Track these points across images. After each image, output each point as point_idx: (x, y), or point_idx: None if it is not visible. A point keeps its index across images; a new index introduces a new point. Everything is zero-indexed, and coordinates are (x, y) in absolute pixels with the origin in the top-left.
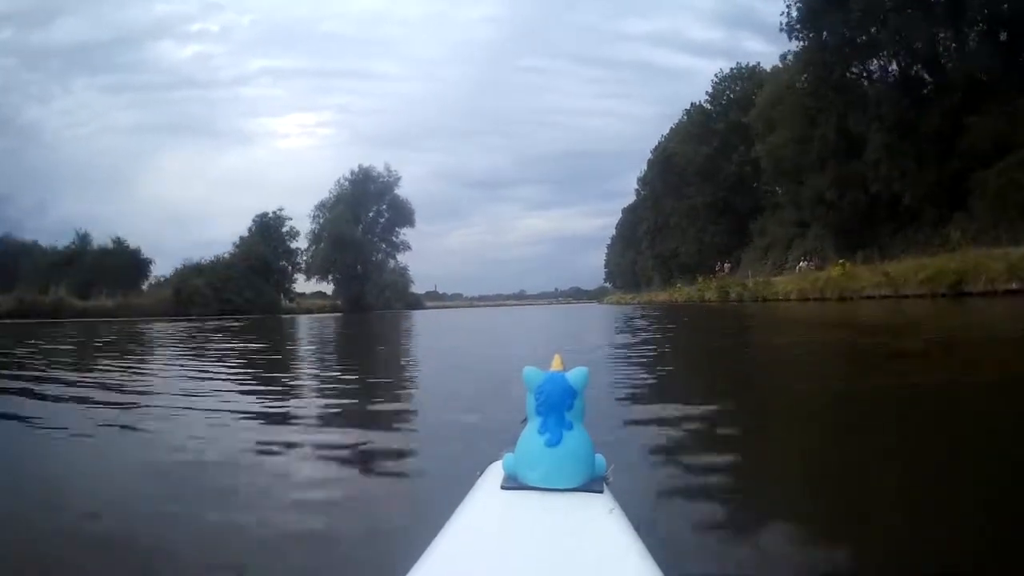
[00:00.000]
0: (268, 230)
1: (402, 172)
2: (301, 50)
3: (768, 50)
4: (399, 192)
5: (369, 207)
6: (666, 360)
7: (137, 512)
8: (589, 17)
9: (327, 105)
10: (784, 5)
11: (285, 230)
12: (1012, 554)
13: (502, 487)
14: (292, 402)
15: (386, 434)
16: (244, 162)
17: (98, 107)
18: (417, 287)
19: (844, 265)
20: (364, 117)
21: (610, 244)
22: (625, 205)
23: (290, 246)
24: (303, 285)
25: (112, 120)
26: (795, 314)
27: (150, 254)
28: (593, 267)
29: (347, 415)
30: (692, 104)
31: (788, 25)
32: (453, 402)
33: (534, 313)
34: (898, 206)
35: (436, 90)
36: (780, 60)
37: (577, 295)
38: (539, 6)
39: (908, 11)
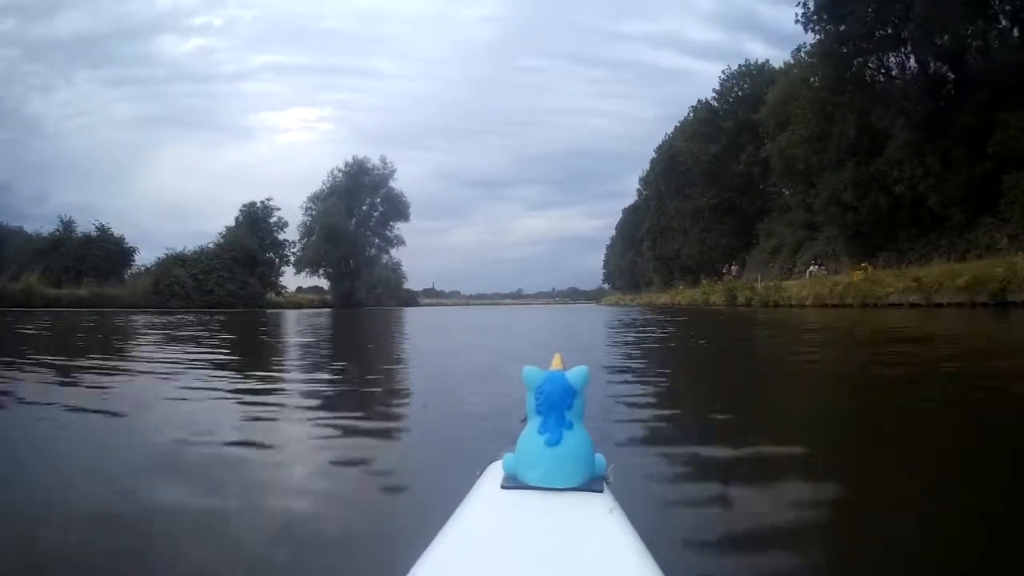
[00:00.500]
0: (255, 221)
1: (402, 170)
2: (303, 46)
3: (769, 53)
4: (394, 185)
5: (363, 200)
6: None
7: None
8: (589, 17)
9: (328, 101)
10: (786, 8)
11: (273, 220)
12: None
13: (502, 487)
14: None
15: None
16: (245, 156)
17: (100, 99)
18: (415, 284)
19: (867, 269)
20: (365, 114)
21: (609, 245)
22: (625, 206)
23: (278, 237)
24: (294, 279)
25: (114, 112)
26: (826, 322)
27: (140, 243)
28: (591, 268)
29: None
30: (699, 101)
31: (805, 16)
32: None
33: (528, 314)
34: (921, 208)
35: (437, 89)
36: (792, 56)
37: (574, 295)
38: (540, 6)
39: (934, 1)
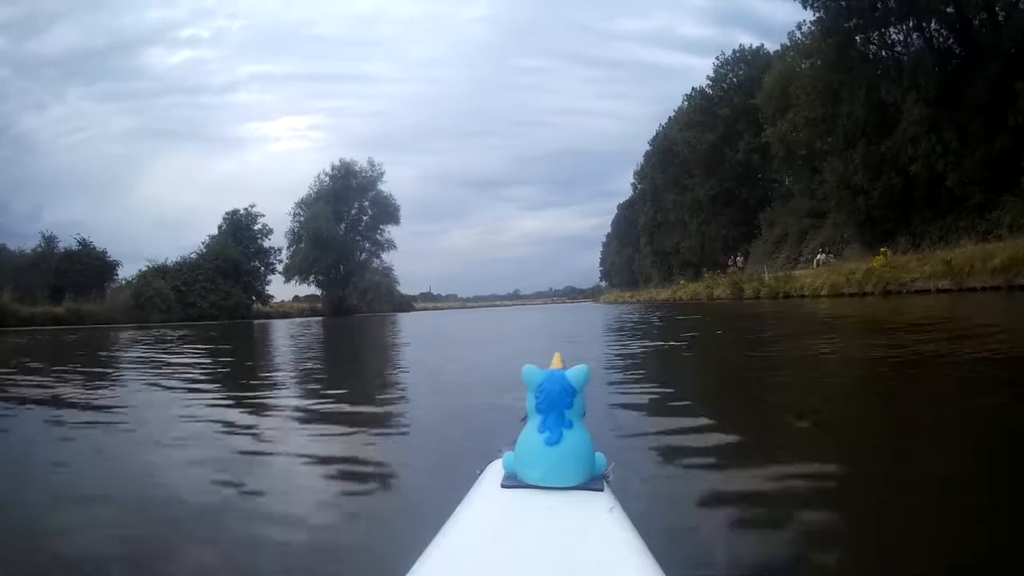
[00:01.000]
0: (239, 229)
1: (398, 173)
2: (294, 53)
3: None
4: (383, 188)
5: (351, 204)
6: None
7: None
8: (582, 17)
9: (320, 108)
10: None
11: (257, 227)
12: None
13: (502, 486)
14: None
15: None
16: (238, 166)
17: (92, 115)
18: (412, 288)
19: (886, 254)
20: (358, 119)
21: (605, 242)
22: (621, 202)
23: (263, 245)
24: (283, 288)
25: (106, 127)
26: (863, 315)
27: (135, 257)
28: (588, 267)
29: None
30: (693, 88)
31: None
32: None
33: (524, 315)
34: (939, 188)
35: (431, 91)
36: (788, 38)
37: (572, 294)
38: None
39: None
